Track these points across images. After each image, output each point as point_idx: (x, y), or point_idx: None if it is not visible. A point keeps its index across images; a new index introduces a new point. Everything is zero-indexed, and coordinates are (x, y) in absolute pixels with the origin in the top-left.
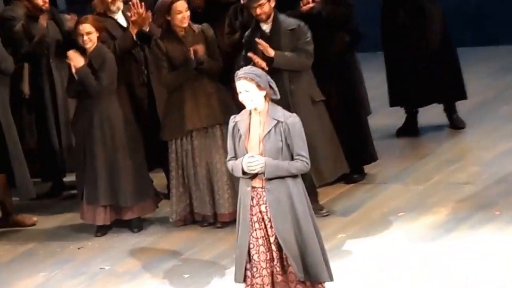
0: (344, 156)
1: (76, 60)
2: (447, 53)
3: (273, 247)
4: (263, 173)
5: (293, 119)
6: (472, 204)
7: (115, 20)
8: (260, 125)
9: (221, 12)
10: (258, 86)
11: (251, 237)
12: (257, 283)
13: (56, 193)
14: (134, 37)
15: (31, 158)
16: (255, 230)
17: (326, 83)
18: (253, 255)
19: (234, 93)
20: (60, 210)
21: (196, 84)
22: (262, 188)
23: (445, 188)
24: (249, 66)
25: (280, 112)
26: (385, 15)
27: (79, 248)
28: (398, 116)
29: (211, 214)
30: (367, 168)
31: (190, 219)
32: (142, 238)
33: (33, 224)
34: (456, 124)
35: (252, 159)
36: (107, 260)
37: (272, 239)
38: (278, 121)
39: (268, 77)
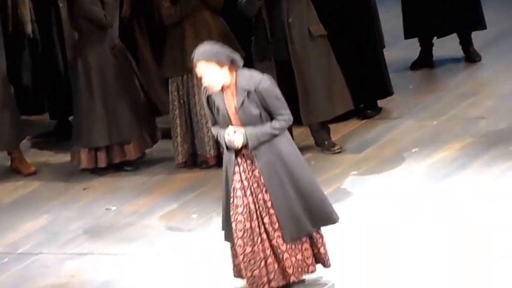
0: (348, 94)
1: None
2: None
3: (264, 213)
4: (246, 144)
5: (263, 84)
6: (487, 139)
7: None
8: (233, 97)
9: None
10: (219, 63)
11: (232, 204)
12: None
13: (61, 132)
14: None
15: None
16: (236, 197)
17: (340, 16)
18: (231, 222)
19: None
20: (64, 150)
21: (197, 19)
22: (251, 152)
23: (460, 123)
24: (204, 44)
25: (248, 79)
26: None
27: (84, 189)
28: (412, 50)
29: (211, 156)
30: (381, 103)
31: (192, 161)
32: (148, 178)
33: (32, 174)
34: (471, 57)
35: (232, 136)
36: (113, 201)
37: (267, 204)
38: (249, 91)
39: (227, 49)
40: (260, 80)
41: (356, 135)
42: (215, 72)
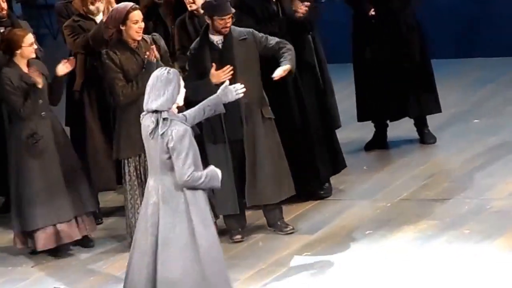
0: (291, 179)
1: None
2: (421, 66)
3: None
4: None
5: None
6: (442, 222)
7: (95, 22)
8: None
9: None
10: None
11: None
12: None
13: (9, 209)
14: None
15: None
16: None
17: (295, 93)
18: None
19: None
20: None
21: None
22: None
23: (414, 205)
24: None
25: None
26: (357, 28)
27: (32, 267)
28: (367, 130)
29: None
30: (335, 184)
31: None
32: (99, 257)
33: None
34: (426, 139)
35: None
36: (62, 279)
37: None
38: None
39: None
40: None
41: (309, 216)
42: None
